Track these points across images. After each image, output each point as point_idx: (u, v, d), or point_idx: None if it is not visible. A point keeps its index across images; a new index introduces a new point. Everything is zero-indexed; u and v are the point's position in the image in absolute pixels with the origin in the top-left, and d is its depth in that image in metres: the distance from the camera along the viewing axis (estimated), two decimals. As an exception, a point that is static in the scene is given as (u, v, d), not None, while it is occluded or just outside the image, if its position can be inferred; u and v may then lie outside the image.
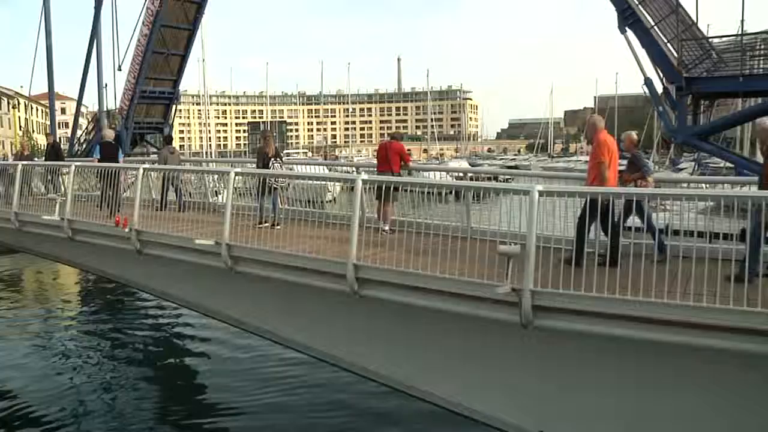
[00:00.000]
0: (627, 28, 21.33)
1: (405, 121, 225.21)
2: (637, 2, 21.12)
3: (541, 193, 7.08)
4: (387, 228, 10.24)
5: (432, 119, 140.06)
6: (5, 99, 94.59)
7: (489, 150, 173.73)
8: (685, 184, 13.25)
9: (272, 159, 13.06)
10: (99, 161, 15.38)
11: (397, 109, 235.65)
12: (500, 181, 16.05)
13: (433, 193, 9.41)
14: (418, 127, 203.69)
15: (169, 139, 20.51)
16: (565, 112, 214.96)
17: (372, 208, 10.70)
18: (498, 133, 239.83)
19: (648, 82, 21.99)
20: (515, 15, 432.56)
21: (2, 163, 18.14)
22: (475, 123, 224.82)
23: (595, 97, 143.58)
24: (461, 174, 18.18)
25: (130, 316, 24.25)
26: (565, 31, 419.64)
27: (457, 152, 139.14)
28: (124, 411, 15.09)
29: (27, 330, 22.71)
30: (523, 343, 7.42)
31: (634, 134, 10.14)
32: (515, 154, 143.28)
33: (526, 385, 7.70)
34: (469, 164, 70.16)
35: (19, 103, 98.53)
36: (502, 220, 8.72)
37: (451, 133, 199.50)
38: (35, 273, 32.80)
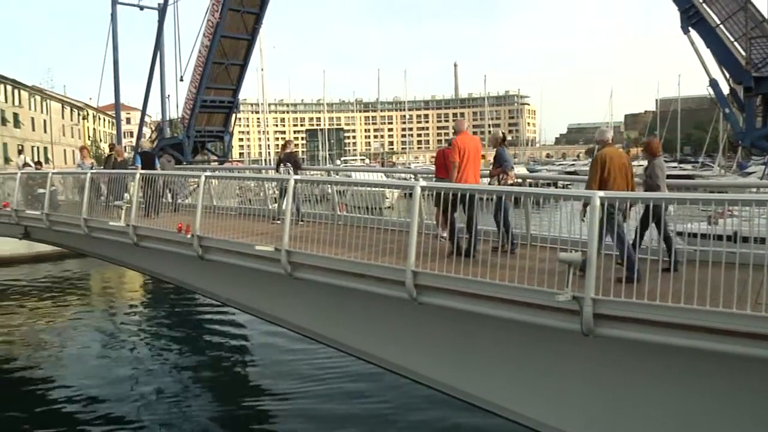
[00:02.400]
0: (690, 28, 20.74)
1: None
2: (701, 0, 20.50)
3: (602, 200, 6.94)
4: (445, 235, 10.19)
5: (489, 125, 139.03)
6: (76, 111, 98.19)
7: (547, 155, 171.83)
8: (754, 189, 12.74)
9: (282, 163, 14.90)
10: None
11: (454, 115, 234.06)
12: (559, 187, 15.78)
13: (492, 199, 9.32)
14: (475, 133, 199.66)
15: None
16: (626, 116, 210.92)
17: (430, 215, 10.66)
18: (556, 138, 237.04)
19: (713, 83, 21.32)
20: (574, 17, 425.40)
21: (67, 171, 18.81)
22: (533, 128, 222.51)
23: (656, 99, 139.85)
24: (520, 180, 17.96)
25: (191, 319, 24.80)
26: (625, 33, 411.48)
27: (515, 158, 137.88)
28: (183, 412, 15.52)
29: (93, 331, 23.56)
30: (583, 352, 7.28)
31: (500, 132, 11.02)
32: (574, 160, 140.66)
33: (585, 394, 7.55)
34: (528, 170, 69.34)
35: (88, 114, 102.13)
36: (562, 226, 8.59)
37: (509, 138, 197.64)
38: (102, 276, 33.91)
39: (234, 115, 42.04)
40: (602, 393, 7.41)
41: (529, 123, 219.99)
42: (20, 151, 30.45)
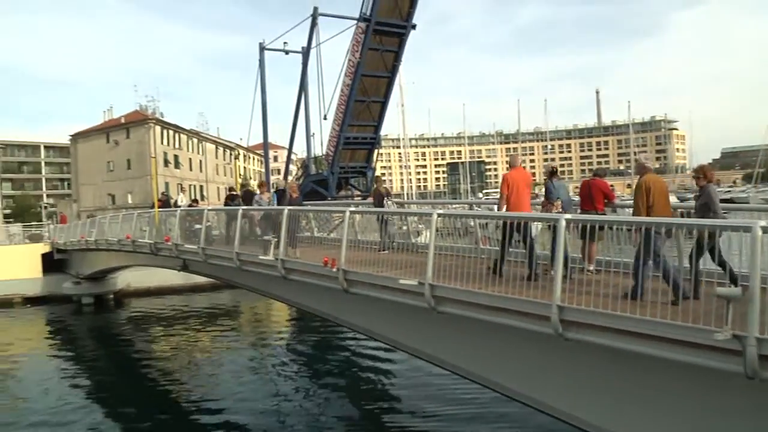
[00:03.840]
0: None
1: (606, 155, 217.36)
2: None
3: (764, 230, 6.45)
4: (592, 268, 9.88)
5: (635, 152, 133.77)
6: (228, 151, 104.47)
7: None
8: None
9: (385, 198, 16.52)
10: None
11: (598, 143, 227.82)
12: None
13: (641, 230, 8.93)
14: (620, 162, 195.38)
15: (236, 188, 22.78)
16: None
17: (576, 248, 10.38)
18: (709, 163, 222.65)
19: None
20: (724, 36, 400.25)
21: (220, 208, 19.98)
22: (682, 154, 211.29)
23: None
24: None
25: (334, 350, 25.41)
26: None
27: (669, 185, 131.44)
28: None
29: (241, 356, 24.88)
30: (746, 397, 6.75)
31: (550, 167, 12.17)
32: (730, 186, 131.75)
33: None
34: (678, 199, 65.75)
35: (239, 154, 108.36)
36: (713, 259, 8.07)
37: (657, 166, 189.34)
38: (251, 307, 35.55)
39: (376, 150, 42.94)
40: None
41: (678, 149, 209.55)
42: (181, 189, 32.98)
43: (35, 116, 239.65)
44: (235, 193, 22.98)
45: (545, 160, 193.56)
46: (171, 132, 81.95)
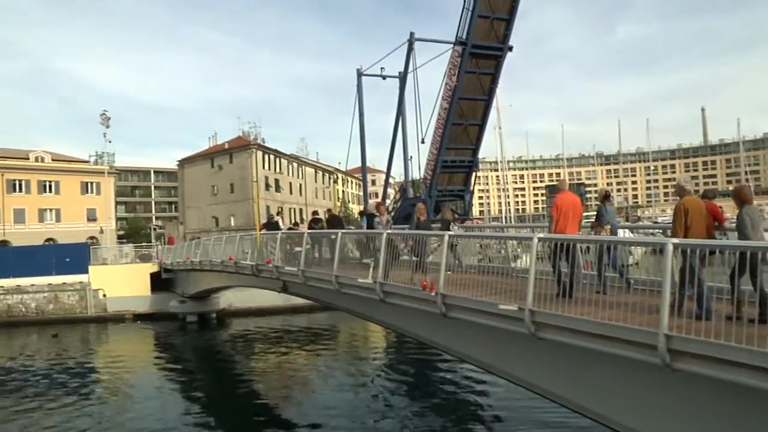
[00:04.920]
0: None
1: (714, 176, 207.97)
2: None
3: None
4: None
5: (746, 172, 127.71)
6: (327, 175, 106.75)
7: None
8: None
9: (451, 223, 17.45)
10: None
11: (704, 163, 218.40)
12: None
13: (757, 255, 8.47)
14: (729, 182, 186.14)
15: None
16: None
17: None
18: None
19: None
20: None
21: (319, 231, 20.36)
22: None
23: None
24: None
25: (431, 373, 25.33)
26: None
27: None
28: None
29: (336, 377, 25.26)
30: None
31: (603, 191, 12.76)
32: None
33: None
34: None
35: (338, 178, 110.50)
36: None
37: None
38: (348, 328, 36.01)
39: (474, 173, 42.72)
40: None
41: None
42: (278, 212, 33.90)
43: (146, 143, 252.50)
44: (318, 217, 23.28)
45: (648, 181, 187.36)
46: (272, 157, 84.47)
